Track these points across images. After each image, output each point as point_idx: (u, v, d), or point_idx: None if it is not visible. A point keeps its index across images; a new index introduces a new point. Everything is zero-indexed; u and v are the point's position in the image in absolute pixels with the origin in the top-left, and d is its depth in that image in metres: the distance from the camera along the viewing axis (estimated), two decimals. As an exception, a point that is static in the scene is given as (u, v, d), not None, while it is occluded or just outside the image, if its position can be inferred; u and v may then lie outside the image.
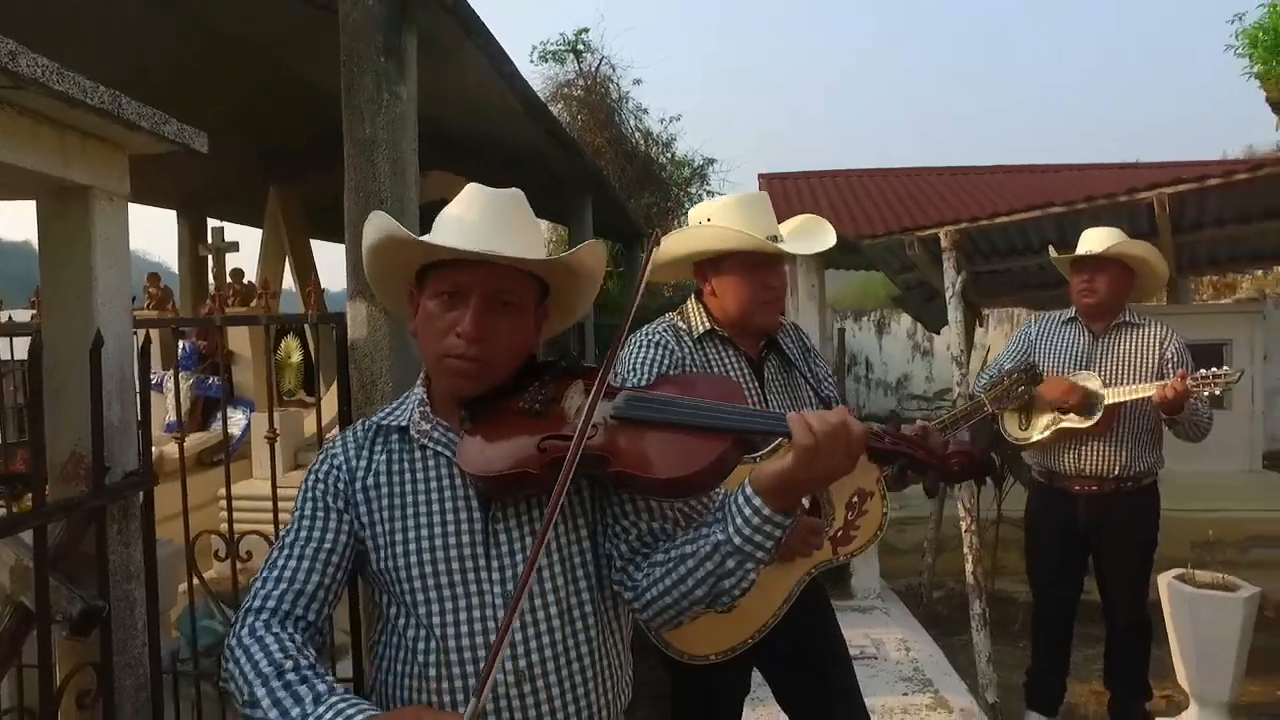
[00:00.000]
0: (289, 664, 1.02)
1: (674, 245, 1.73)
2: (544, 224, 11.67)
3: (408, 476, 1.17)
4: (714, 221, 1.68)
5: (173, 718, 2.47)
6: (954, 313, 3.58)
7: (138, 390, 2.00)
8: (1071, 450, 2.90)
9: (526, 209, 1.20)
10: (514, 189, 1.20)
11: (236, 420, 5.29)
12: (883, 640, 3.50)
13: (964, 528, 3.41)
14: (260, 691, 1.01)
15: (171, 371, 4.46)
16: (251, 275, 6.39)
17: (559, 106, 12.08)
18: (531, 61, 12.77)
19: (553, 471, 1.03)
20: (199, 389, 5.61)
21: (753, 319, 1.74)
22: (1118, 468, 2.85)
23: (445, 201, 1.25)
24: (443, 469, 1.16)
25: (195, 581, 2.54)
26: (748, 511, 1.03)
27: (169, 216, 7.64)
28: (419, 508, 1.15)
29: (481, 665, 1.09)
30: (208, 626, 3.21)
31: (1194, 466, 5.54)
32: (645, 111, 12.86)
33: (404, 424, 1.20)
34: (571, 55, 12.43)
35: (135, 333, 2.03)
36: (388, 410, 1.25)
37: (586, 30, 12.48)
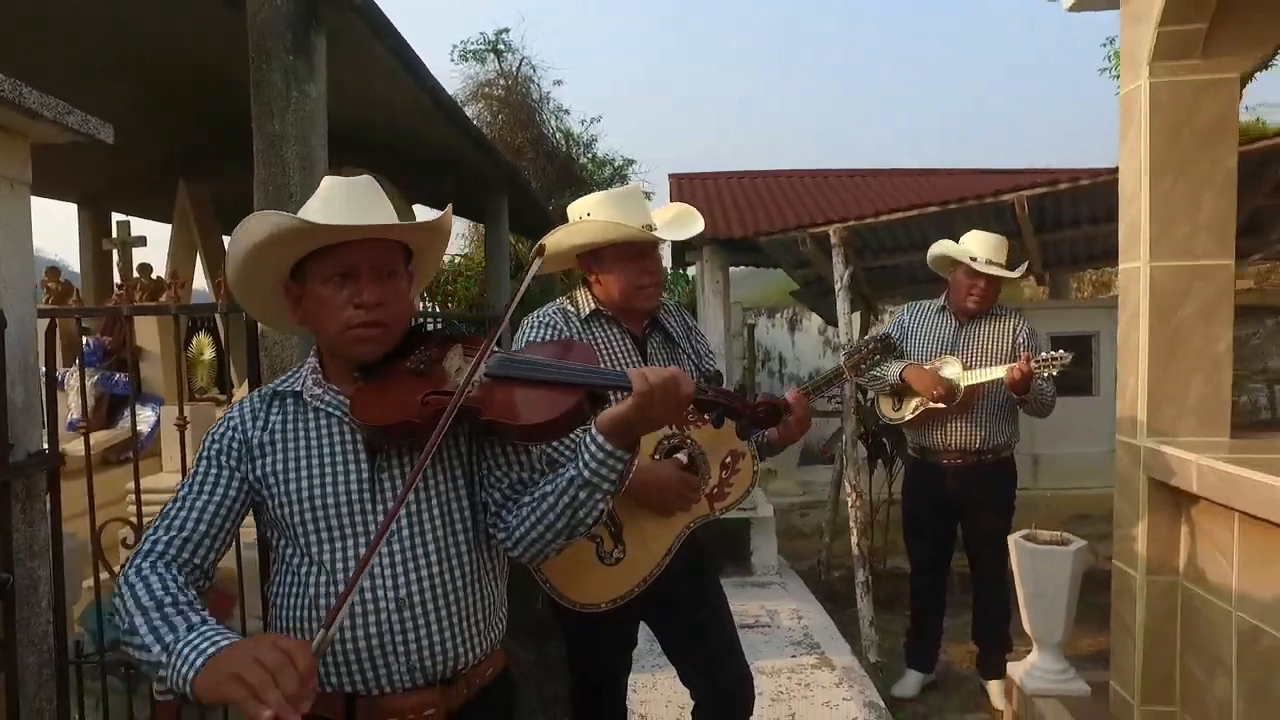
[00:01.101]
0: (168, 599, 1.14)
1: (558, 239, 1.90)
2: (466, 221, 11.65)
3: (301, 434, 1.30)
4: (593, 216, 1.86)
5: (76, 711, 2.51)
6: (842, 304, 3.87)
7: (43, 375, 2.06)
8: (939, 428, 3.20)
9: (379, 189, 1.35)
10: (365, 175, 1.35)
11: (145, 417, 5.19)
12: (777, 611, 3.75)
13: (850, 503, 3.69)
14: (139, 621, 1.12)
15: (74, 368, 4.36)
16: (161, 271, 6.27)
17: (479, 106, 12.10)
18: (452, 60, 12.75)
19: (434, 422, 1.19)
20: (104, 385, 5.49)
21: (633, 303, 1.91)
22: (978, 441, 3.17)
23: None
24: (334, 427, 1.30)
25: (102, 575, 2.58)
26: (594, 448, 1.22)
27: (67, 211, 7.41)
28: (312, 460, 1.29)
29: (368, 595, 1.24)
30: (114, 621, 3.21)
31: (1066, 449, 6.02)
32: (566, 112, 13.00)
33: (298, 389, 1.34)
34: (492, 55, 12.47)
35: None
36: (282, 379, 1.38)
37: (507, 30, 12.55)
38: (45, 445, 2.08)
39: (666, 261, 11.54)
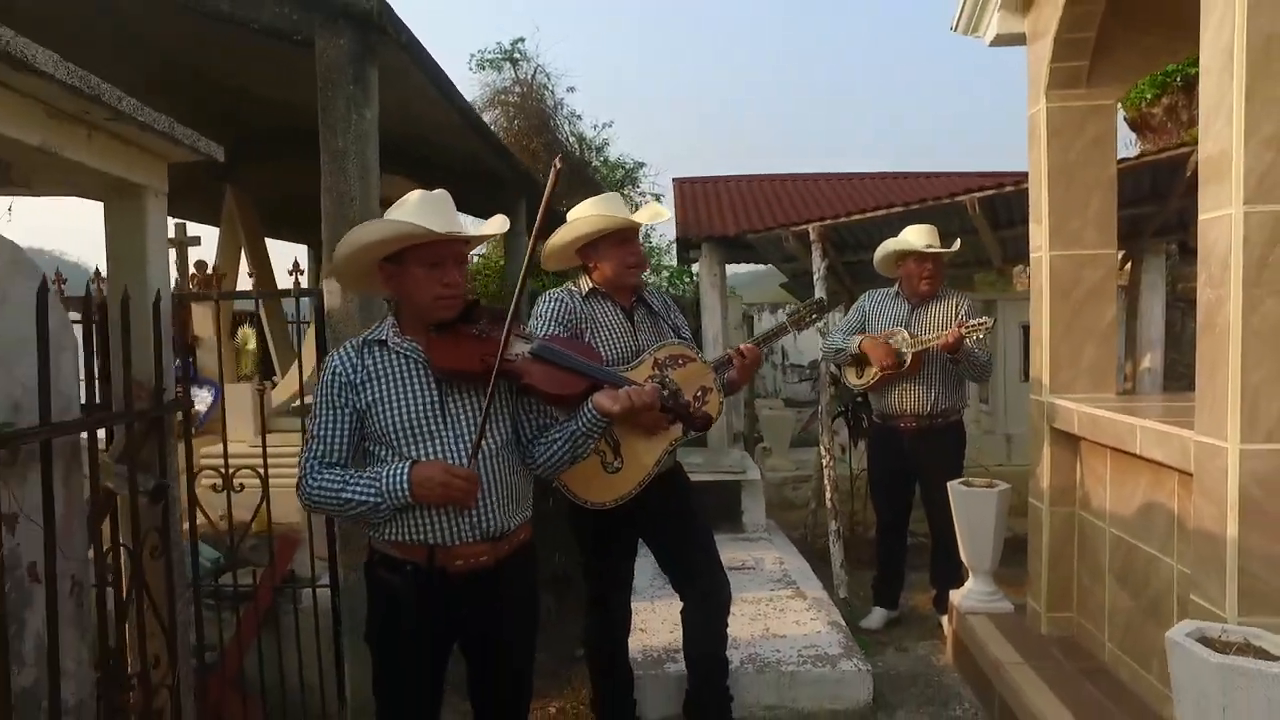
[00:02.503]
0: (348, 474, 1.82)
1: (565, 234, 2.50)
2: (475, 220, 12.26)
3: (388, 371, 1.90)
4: (587, 216, 2.46)
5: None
6: (820, 291, 4.43)
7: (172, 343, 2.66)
8: (896, 394, 3.77)
9: (452, 201, 1.95)
10: (441, 190, 1.94)
11: (202, 397, 5.82)
12: (763, 558, 4.31)
13: (824, 464, 4.25)
14: (348, 493, 1.79)
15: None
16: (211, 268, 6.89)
17: (496, 112, 12.71)
18: (470, 69, 13.39)
19: (487, 374, 1.82)
20: (167, 371, 6.12)
21: (623, 280, 2.50)
22: (929, 405, 3.73)
23: (391, 200, 1.97)
24: (410, 366, 1.90)
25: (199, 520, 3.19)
26: (588, 416, 1.90)
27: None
28: (398, 388, 1.89)
29: None
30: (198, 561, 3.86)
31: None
32: (579, 117, 13.61)
33: (383, 338, 1.94)
34: (508, 64, 13.09)
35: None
36: (370, 332, 1.99)
37: (522, 40, 13.18)
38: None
39: (671, 259, 12.15)
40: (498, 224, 1.99)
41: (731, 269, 7.30)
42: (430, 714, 2.03)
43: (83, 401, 2.29)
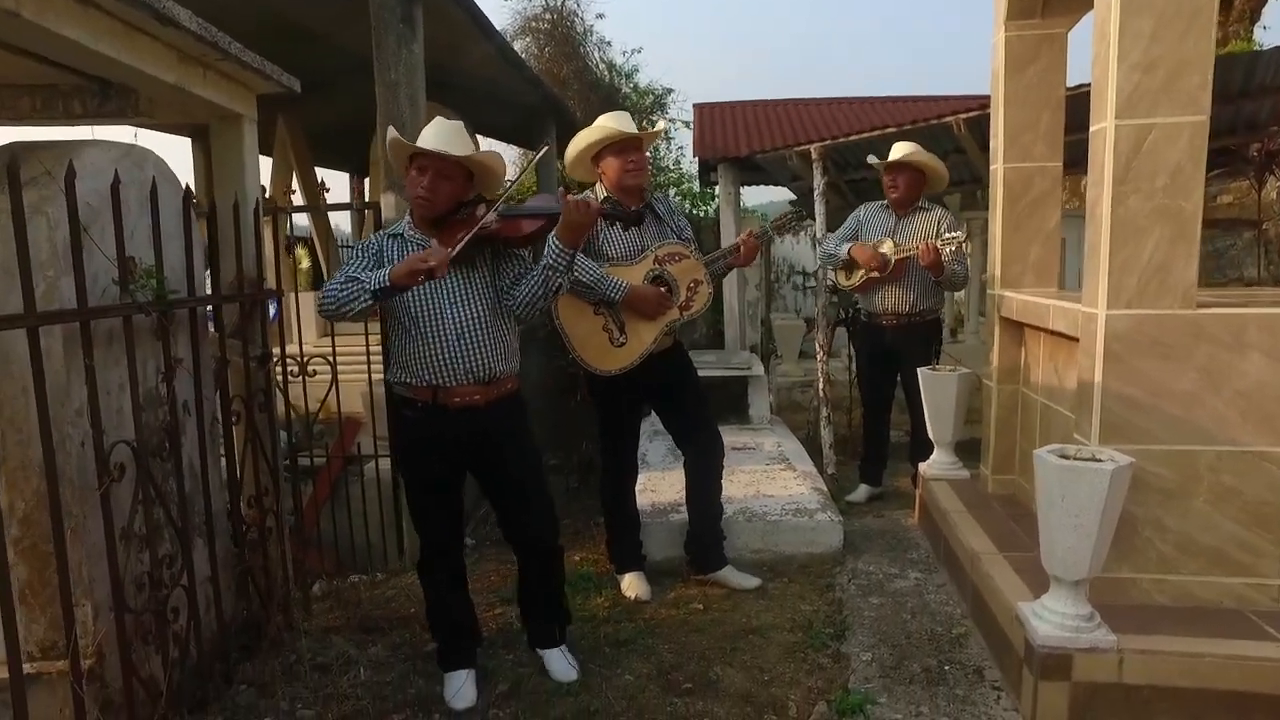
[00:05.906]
0: (359, 275, 2.30)
1: (575, 144, 2.99)
2: (513, 149, 12.68)
3: (403, 254, 2.41)
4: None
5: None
6: (819, 205, 4.89)
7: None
8: (880, 294, 4.26)
9: (464, 131, 2.44)
10: (459, 121, 2.44)
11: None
12: (763, 442, 4.90)
13: (819, 358, 4.79)
14: (360, 286, 2.26)
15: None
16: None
17: (527, 40, 12.94)
18: (501, -2, 13.57)
19: (476, 240, 2.35)
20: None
21: (625, 181, 2.99)
22: (908, 305, 4.22)
23: None
24: (419, 251, 2.40)
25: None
26: (553, 246, 2.39)
27: (182, 145, 8.65)
28: None
29: (445, 331, 2.39)
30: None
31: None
32: (609, 44, 13.79)
33: (400, 232, 2.49)
34: (538, -10, 13.23)
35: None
36: (392, 227, 2.53)
37: (553, -33, 13.27)
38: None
39: (697, 187, 12.51)
40: (488, 153, 2.48)
41: (753, 197, 7.73)
42: (451, 518, 2.58)
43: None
